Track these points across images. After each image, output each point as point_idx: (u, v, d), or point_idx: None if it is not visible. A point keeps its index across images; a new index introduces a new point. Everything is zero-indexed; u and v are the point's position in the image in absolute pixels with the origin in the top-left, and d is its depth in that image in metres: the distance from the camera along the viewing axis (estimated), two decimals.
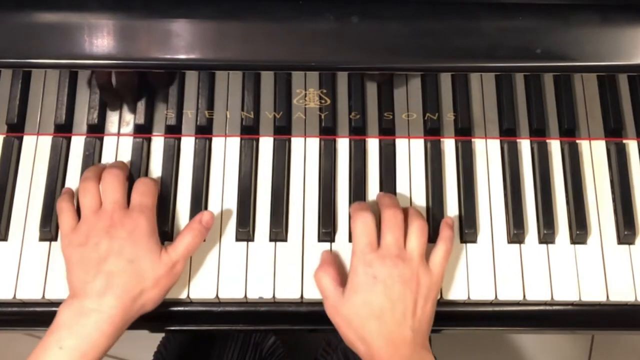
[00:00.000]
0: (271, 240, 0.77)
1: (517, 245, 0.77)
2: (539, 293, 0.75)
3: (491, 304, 0.76)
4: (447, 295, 0.75)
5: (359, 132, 0.80)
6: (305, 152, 0.80)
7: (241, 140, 0.80)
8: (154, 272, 0.69)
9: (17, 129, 0.79)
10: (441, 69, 0.73)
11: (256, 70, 0.75)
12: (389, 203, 0.73)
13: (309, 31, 0.69)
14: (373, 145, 0.81)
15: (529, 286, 0.75)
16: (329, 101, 0.78)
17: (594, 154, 0.81)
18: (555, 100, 0.79)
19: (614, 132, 0.81)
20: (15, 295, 0.74)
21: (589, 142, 0.81)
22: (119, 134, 0.80)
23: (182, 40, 0.68)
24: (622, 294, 0.75)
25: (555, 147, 0.81)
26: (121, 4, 0.69)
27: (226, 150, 0.80)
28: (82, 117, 0.79)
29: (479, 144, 0.81)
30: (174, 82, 0.77)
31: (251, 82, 0.77)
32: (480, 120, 0.80)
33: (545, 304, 0.76)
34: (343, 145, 0.80)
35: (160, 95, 0.78)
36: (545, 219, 0.77)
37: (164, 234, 0.75)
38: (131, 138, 0.80)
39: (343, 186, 0.79)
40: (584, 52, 0.69)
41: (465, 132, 0.80)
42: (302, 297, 0.74)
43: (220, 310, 0.76)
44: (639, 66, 0.69)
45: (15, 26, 0.68)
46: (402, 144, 0.81)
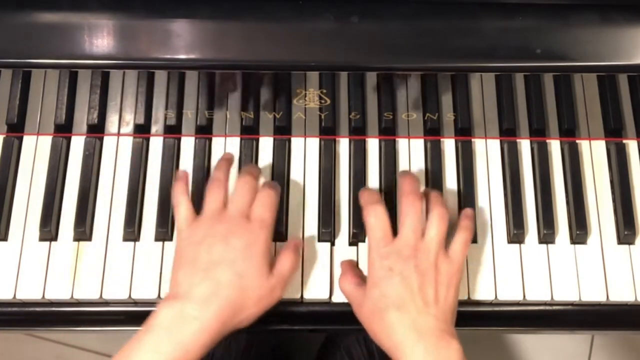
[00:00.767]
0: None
1: (517, 245, 0.77)
2: (538, 293, 0.75)
3: (491, 304, 0.76)
4: None
5: (359, 132, 0.80)
6: (305, 152, 0.80)
7: (241, 140, 0.80)
8: (258, 291, 0.67)
9: (17, 128, 0.79)
10: (441, 69, 0.73)
11: (256, 70, 0.75)
12: (409, 190, 0.71)
13: (309, 31, 0.69)
14: (373, 145, 0.81)
15: (528, 286, 0.75)
16: (329, 101, 0.78)
17: (594, 154, 0.81)
18: (555, 100, 0.79)
19: (614, 132, 0.81)
20: (15, 295, 0.74)
21: (589, 142, 0.81)
22: (119, 134, 0.80)
23: (182, 40, 0.68)
24: (622, 294, 0.75)
25: (555, 147, 0.81)
26: (121, 4, 0.69)
27: (226, 151, 0.80)
28: (82, 117, 0.79)
29: (479, 144, 0.81)
30: (173, 82, 0.77)
31: (251, 82, 0.77)
32: (480, 120, 0.80)
33: (545, 304, 0.76)
34: (343, 145, 0.80)
35: (160, 95, 0.78)
36: (545, 219, 0.77)
37: (167, 234, 0.76)
38: (131, 138, 0.80)
39: (343, 186, 0.79)
40: (584, 52, 0.69)
41: (465, 132, 0.80)
42: (302, 297, 0.74)
43: None
44: (639, 66, 0.69)
45: (15, 26, 0.68)
46: (402, 144, 0.81)
